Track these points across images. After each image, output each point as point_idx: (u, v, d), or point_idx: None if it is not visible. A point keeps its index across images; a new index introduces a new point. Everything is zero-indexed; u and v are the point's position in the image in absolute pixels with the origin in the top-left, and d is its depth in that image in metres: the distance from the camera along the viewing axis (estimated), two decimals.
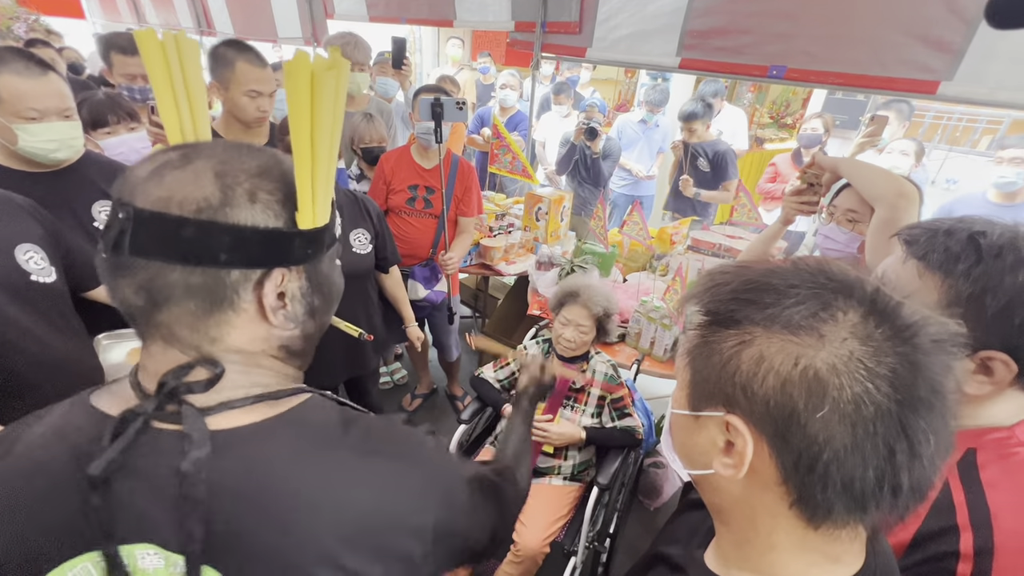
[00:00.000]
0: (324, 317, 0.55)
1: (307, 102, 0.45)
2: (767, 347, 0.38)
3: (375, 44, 2.84)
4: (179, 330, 0.45)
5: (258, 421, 0.47)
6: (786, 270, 0.41)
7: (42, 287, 1.02)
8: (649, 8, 2.45)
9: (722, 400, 0.41)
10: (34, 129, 1.15)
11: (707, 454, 0.43)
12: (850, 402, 0.35)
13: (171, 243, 0.42)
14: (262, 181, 0.46)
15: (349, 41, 2.43)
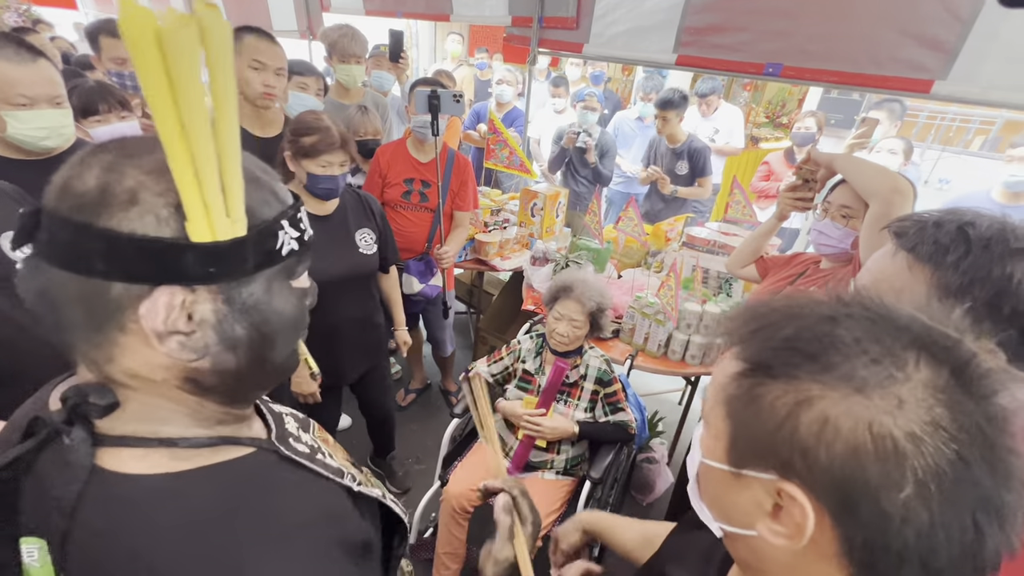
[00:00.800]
0: (262, 351, 0.45)
1: (161, 73, 0.33)
2: (832, 408, 0.33)
3: (371, 38, 2.82)
4: (78, 344, 0.41)
5: (151, 474, 0.41)
6: (846, 315, 0.36)
7: None
8: (646, 4, 2.45)
9: (775, 463, 0.36)
10: (24, 116, 1.14)
11: (749, 515, 0.39)
12: (933, 473, 0.31)
13: (53, 245, 0.37)
14: (152, 180, 0.38)
15: (346, 33, 2.41)
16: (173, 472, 0.41)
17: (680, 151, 2.92)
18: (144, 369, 0.41)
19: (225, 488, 0.43)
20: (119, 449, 0.41)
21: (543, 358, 1.60)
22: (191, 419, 0.44)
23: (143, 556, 0.38)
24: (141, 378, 0.41)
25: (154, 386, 0.42)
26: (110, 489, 0.40)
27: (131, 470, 0.40)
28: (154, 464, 0.41)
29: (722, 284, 2.09)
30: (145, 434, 0.42)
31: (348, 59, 2.40)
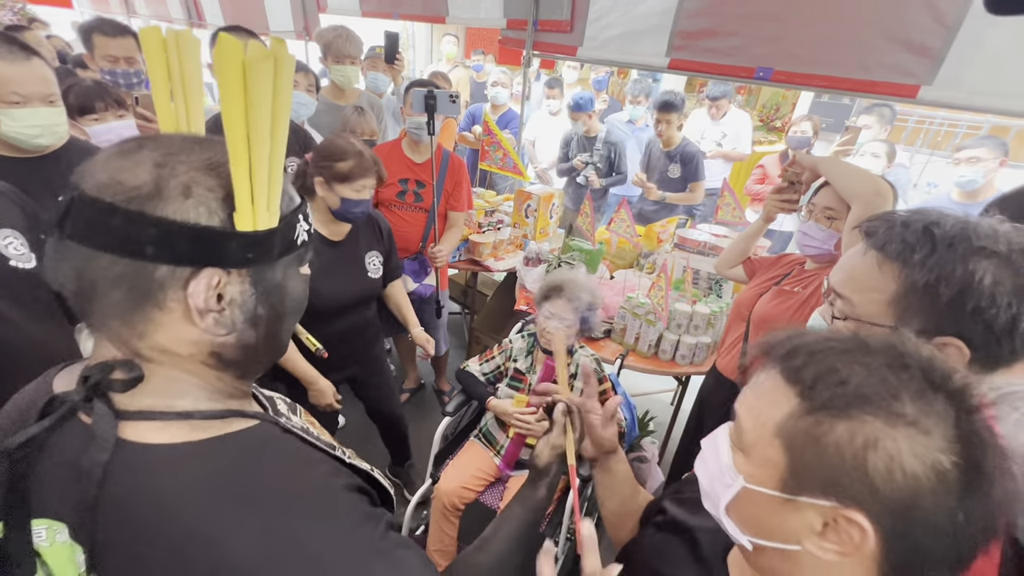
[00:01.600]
0: (274, 328, 0.50)
1: (240, 94, 0.41)
2: (894, 445, 0.38)
3: (367, 39, 2.83)
4: (110, 321, 0.44)
5: (173, 443, 0.44)
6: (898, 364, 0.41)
7: (21, 273, 1.01)
8: (639, 8, 2.48)
9: (835, 492, 0.40)
10: (17, 114, 1.14)
11: (796, 533, 0.43)
12: (963, 492, 0.38)
13: (101, 230, 0.41)
14: (203, 176, 0.43)
15: (341, 34, 2.43)
16: (194, 440, 0.45)
17: (673, 154, 2.95)
18: (174, 344, 0.45)
19: (243, 450, 0.46)
20: (138, 423, 0.44)
21: (534, 357, 1.62)
22: (205, 393, 0.48)
23: (175, 515, 0.41)
24: (169, 353, 0.45)
25: (180, 361, 0.46)
26: (136, 458, 0.43)
27: (154, 440, 0.44)
28: (175, 435, 0.44)
29: (712, 285, 2.12)
30: (163, 408, 0.45)
31: (343, 60, 2.41)
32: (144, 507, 0.42)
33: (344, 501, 0.48)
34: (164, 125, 0.53)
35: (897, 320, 0.60)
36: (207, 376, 0.48)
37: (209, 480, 0.43)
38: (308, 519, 0.44)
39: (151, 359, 0.45)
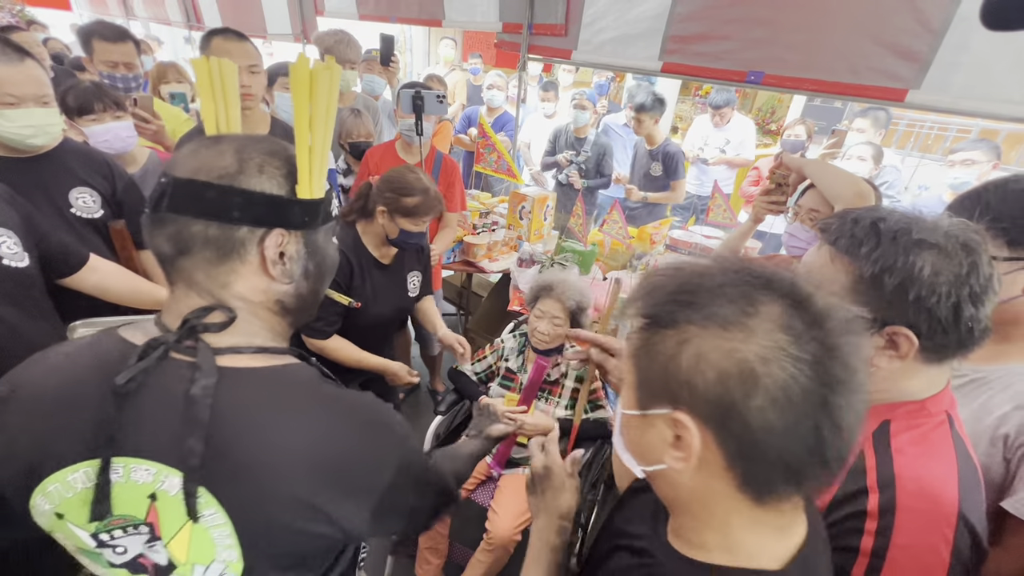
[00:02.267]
0: (318, 284, 0.63)
1: (307, 95, 0.57)
2: (704, 344, 0.41)
3: (364, 42, 2.86)
4: (197, 275, 0.55)
5: (259, 367, 0.56)
6: (714, 270, 0.45)
7: (14, 272, 1.03)
8: (633, 13, 2.50)
9: (668, 398, 0.44)
10: (11, 115, 1.16)
11: (658, 450, 0.46)
12: (780, 388, 0.39)
13: (197, 202, 0.53)
14: (271, 159, 0.56)
15: (342, 39, 2.45)
16: (273, 365, 0.57)
17: (655, 153, 2.99)
18: (250, 292, 0.57)
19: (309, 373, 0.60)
20: (231, 355, 0.55)
21: (525, 356, 1.64)
22: (271, 334, 0.61)
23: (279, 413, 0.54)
24: (246, 300, 0.57)
25: (253, 307, 0.58)
26: (235, 379, 0.54)
27: (248, 365, 0.55)
28: (263, 361, 0.57)
29: None
30: (244, 344, 0.57)
31: (342, 64, 2.44)
32: (250, 413, 0.53)
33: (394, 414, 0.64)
34: (210, 131, 0.67)
35: None
36: (271, 321, 0.61)
37: (298, 388, 0.57)
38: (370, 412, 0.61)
39: (232, 306, 0.56)
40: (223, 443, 0.51)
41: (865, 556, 0.59)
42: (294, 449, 0.53)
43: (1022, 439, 0.75)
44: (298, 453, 0.53)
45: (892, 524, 0.59)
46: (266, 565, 0.58)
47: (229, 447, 0.51)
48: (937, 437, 0.64)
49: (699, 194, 3.58)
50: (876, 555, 0.58)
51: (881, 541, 0.59)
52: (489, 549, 1.45)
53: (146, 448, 0.52)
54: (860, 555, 0.59)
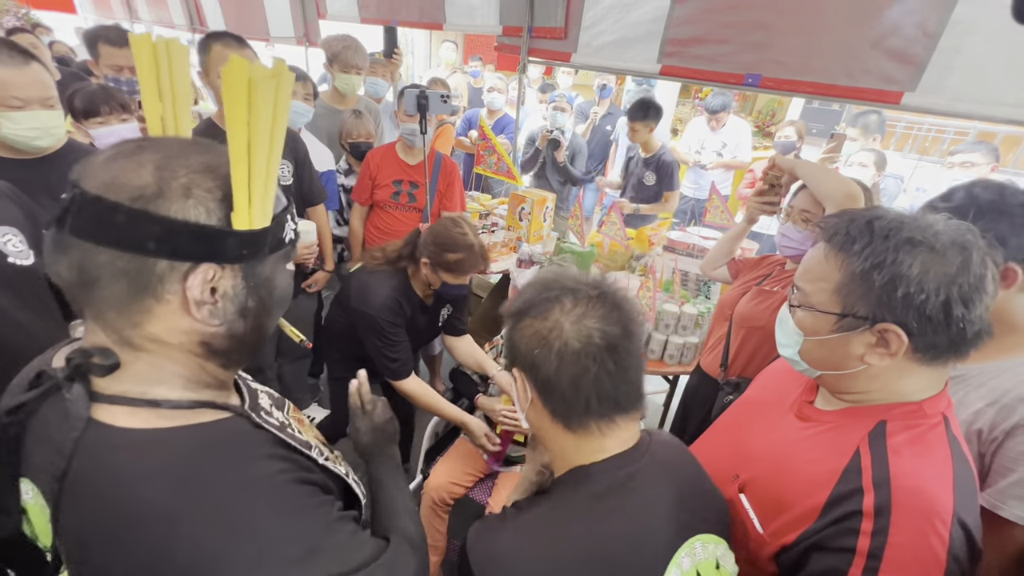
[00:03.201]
0: (261, 320, 0.53)
1: (244, 107, 0.45)
2: (536, 325, 0.64)
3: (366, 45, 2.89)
4: (106, 311, 0.47)
5: (138, 428, 0.47)
6: (545, 282, 0.67)
7: (19, 269, 1.05)
8: (631, 16, 2.53)
9: (518, 363, 0.67)
10: (17, 117, 1.18)
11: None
12: (579, 346, 0.61)
13: (104, 227, 0.43)
14: (201, 178, 0.46)
15: (349, 45, 2.48)
16: (161, 428, 0.48)
17: (650, 161, 2.98)
18: (166, 334, 0.48)
19: (203, 443, 0.49)
20: (112, 406, 0.47)
21: None
22: (184, 381, 0.51)
23: (131, 495, 0.44)
24: (160, 342, 0.48)
25: (168, 349, 0.49)
26: (104, 438, 0.46)
27: (123, 424, 0.47)
28: (143, 420, 0.47)
29: (701, 286, 2.15)
30: (135, 395, 0.48)
31: (349, 70, 2.47)
32: (106, 484, 0.45)
33: (295, 492, 0.51)
34: (152, 128, 0.56)
35: (842, 307, 0.64)
36: (191, 364, 0.51)
37: (164, 465, 0.45)
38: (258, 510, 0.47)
39: (140, 347, 0.48)
40: (75, 503, 0.45)
41: (862, 556, 0.59)
42: (133, 539, 0.44)
43: (995, 434, 0.76)
44: (136, 547, 0.43)
45: (888, 524, 0.59)
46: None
47: (79, 510, 0.45)
48: (933, 439, 0.64)
49: (696, 197, 3.60)
50: (873, 556, 0.58)
51: (878, 541, 0.59)
52: None
53: (36, 480, 0.48)
54: (857, 555, 0.59)
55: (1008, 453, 0.75)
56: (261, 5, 4.36)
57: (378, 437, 0.82)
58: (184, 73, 0.56)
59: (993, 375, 0.80)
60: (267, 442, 0.53)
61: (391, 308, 1.48)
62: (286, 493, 0.50)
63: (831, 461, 0.66)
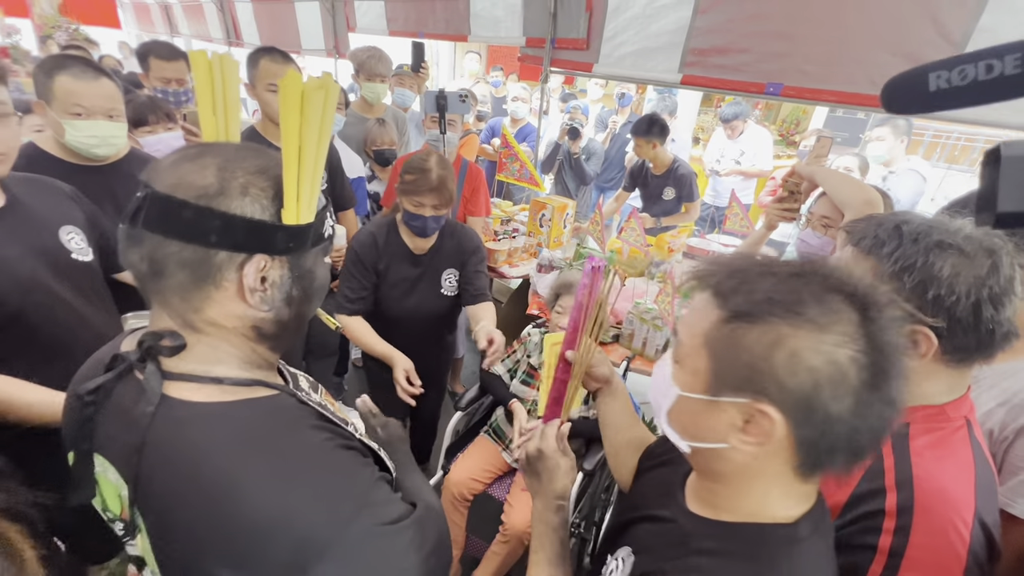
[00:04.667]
0: (303, 307, 0.59)
1: (297, 115, 0.50)
2: (798, 344, 0.45)
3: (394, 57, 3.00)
4: (171, 297, 0.52)
5: (205, 402, 0.52)
6: (801, 273, 0.48)
7: (80, 265, 1.14)
8: (653, 27, 2.57)
9: (751, 389, 0.47)
10: (79, 125, 1.29)
11: (720, 431, 0.50)
12: (860, 384, 0.45)
13: (172, 221, 0.49)
14: (256, 178, 0.52)
15: (373, 55, 2.60)
16: (224, 401, 0.53)
17: (666, 176, 2.96)
18: (223, 318, 0.54)
19: (262, 413, 0.55)
20: (180, 383, 0.53)
21: None
22: (239, 362, 0.57)
23: (202, 460, 0.50)
24: (217, 325, 0.54)
25: (224, 332, 0.55)
26: (176, 411, 0.52)
27: (191, 398, 0.53)
28: (208, 395, 0.53)
29: None
30: (200, 373, 0.54)
31: (374, 78, 2.58)
32: (179, 452, 0.50)
33: (342, 456, 0.56)
34: (207, 135, 0.62)
35: None
36: (244, 346, 0.56)
37: (232, 434, 0.51)
38: (313, 471, 0.52)
39: (200, 330, 0.54)
40: (153, 471, 0.50)
41: (883, 555, 0.60)
42: (207, 502, 0.48)
43: (1006, 433, 0.77)
44: (210, 509, 0.48)
45: (910, 523, 0.60)
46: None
47: (157, 476, 0.50)
48: (956, 441, 0.65)
49: (716, 205, 3.60)
50: (894, 554, 0.60)
51: (899, 540, 0.60)
52: (504, 541, 1.50)
53: (112, 454, 0.54)
54: (878, 553, 0.60)
55: (1018, 452, 0.76)
56: (294, 19, 4.55)
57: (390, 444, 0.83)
58: (235, 85, 0.63)
59: (1005, 376, 0.81)
60: (312, 415, 0.58)
61: (362, 241, 1.54)
62: (335, 456, 0.55)
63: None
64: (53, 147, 1.34)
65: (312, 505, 0.50)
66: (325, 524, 0.50)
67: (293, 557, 0.48)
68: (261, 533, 0.48)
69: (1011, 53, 0.44)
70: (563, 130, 3.27)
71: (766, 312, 0.46)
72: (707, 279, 0.52)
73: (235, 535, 0.48)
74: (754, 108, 5.55)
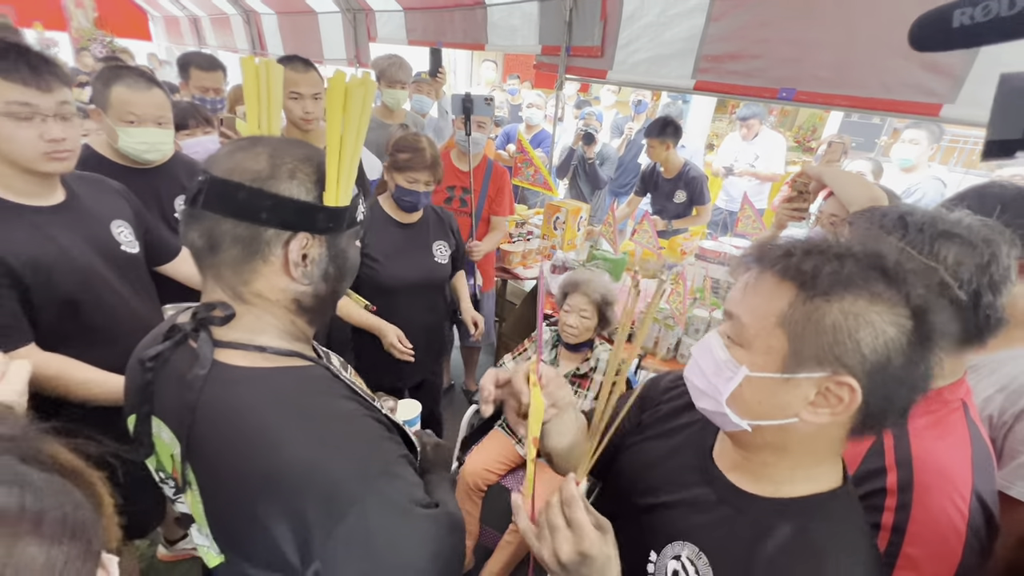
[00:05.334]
0: (337, 284, 0.65)
1: (340, 108, 0.57)
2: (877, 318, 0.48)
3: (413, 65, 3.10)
4: (224, 271, 0.59)
5: (250, 366, 0.59)
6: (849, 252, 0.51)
7: (128, 256, 1.23)
8: (666, 34, 2.62)
9: (830, 363, 0.49)
10: (131, 131, 1.38)
11: (793, 407, 0.51)
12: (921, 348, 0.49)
13: (229, 202, 0.56)
14: (302, 165, 0.59)
15: (394, 62, 2.70)
16: (266, 367, 0.60)
17: (676, 180, 3.00)
18: (268, 291, 0.60)
19: (300, 379, 0.61)
20: (228, 350, 0.60)
21: (558, 352, 1.74)
22: (280, 333, 0.63)
23: (246, 418, 0.56)
24: (263, 297, 0.60)
25: (269, 304, 0.61)
26: (225, 374, 0.58)
27: (238, 363, 0.59)
28: (252, 361, 0.60)
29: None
30: (245, 341, 0.60)
31: (394, 84, 2.67)
32: (228, 408, 0.56)
33: (371, 425, 0.61)
34: (252, 129, 0.69)
35: None
36: (285, 319, 0.62)
37: (273, 394, 0.57)
38: (344, 433, 0.58)
39: (248, 301, 0.60)
40: (204, 426, 0.56)
41: (887, 531, 0.63)
42: (251, 451, 0.54)
43: (1005, 418, 0.80)
44: (253, 457, 0.54)
45: (911, 500, 0.63)
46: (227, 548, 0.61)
47: (207, 431, 0.56)
48: (952, 422, 0.68)
49: (729, 209, 3.62)
50: (896, 530, 0.63)
51: (901, 516, 0.63)
52: (516, 530, 1.54)
53: (166, 415, 0.61)
54: (882, 530, 0.64)
55: (1017, 436, 0.78)
56: (317, 30, 4.71)
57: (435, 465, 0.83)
58: (278, 86, 0.70)
59: (1004, 363, 0.84)
60: (343, 388, 0.64)
61: None
62: (364, 424, 0.60)
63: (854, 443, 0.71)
64: (105, 149, 1.44)
65: (343, 459, 0.55)
66: (354, 478, 0.55)
67: (327, 506, 0.53)
68: (298, 477, 0.53)
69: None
70: (578, 135, 3.34)
71: (845, 288, 0.49)
72: (773, 262, 0.52)
73: (276, 479, 0.53)
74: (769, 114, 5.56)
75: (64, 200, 1.10)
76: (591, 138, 3.26)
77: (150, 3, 7.47)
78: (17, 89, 0.95)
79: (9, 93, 0.94)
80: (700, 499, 0.62)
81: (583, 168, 3.44)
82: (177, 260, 1.42)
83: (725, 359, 0.55)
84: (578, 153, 3.41)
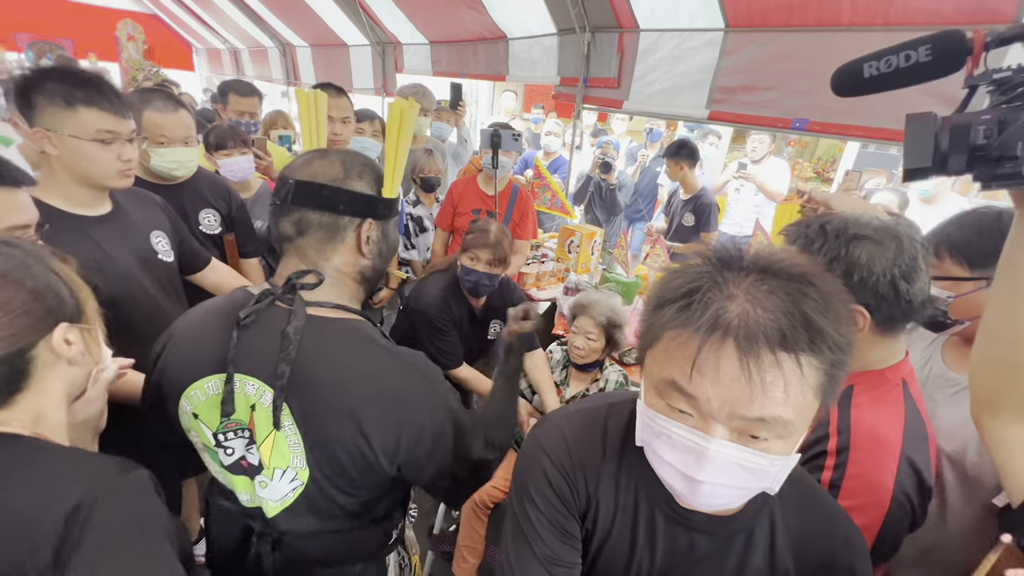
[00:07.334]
0: (386, 261, 0.83)
1: (398, 124, 0.79)
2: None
3: (437, 93, 3.25)
4: (308, 251, 0.75)
5: (336, 317, 0.75)
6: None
7: (164, 264, 1.32)
8: (681, 67, 2.70)
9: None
10: (162, 152, 1.50)
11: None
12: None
13: (315, 197, 0.73)
14: (364, 169, 0.77)
15: (418, 91, 2.84)
16: (349, 319, 0.77)
17: (689, 202, 3.06)
18: (343, 265, 0.77)
19: (371, 328, 0.79)
20: (317, 308, 0.74)
21: (568, 372, 1.76)
22: (348, 298, 0.80)
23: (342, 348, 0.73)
24: (339, 271, 0.77)
25: (342, 276, 0.78)
26: (317, 324, 0.73)
27: (329, 315, 0.75)
28: (339, 314, 0.76)
29: None
30: (328, 301, 0.76)
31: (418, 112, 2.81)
32: (324, 346, 0.71)
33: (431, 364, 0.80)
34: (306, 146, 0.87)
35: None
36: (352, 287, 0.80)
37: (357, 335, 0.75)
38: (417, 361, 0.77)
39: (328, 274, 0.75)
40: (303, 368, 0.69)
41: (825, 486, 0.72)
42: (353, 377, 0.71)
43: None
44: (356, 380, 0.70)
45: (847, 460, 0.71)
46: (323, 478, 0.74)
47: (307, 371, 0.69)
48: (891, 398, 0.77)
49: (731, 234, 3.65)
50: (833, 485, 0.72)
51: (838, 474, 0.73)
52: None
53: (253, 368, 0.71)
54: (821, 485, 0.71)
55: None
56: (348, 62, 4.97)
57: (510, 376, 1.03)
58: (323, 110, 0.87)
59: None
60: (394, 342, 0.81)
61: (439, 305, 1.68)
62: (426, 361, 0.79)
63: None
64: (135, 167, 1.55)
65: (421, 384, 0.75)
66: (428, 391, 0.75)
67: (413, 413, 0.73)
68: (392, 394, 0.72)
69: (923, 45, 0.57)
70: (595, 163, 3.42)
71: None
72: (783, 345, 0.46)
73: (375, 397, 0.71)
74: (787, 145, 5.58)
75: (111, 211, 1.19)
76: (608, 167, 3.34)
77: (195, 37, 7.98)
78: (107, 118, 1.08)
79: (101, 122, 1.08)
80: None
81: (599, 195, 3.51)
82: (207, 270, 1.51)
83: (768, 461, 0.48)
84: (595, 180, 3.49)
